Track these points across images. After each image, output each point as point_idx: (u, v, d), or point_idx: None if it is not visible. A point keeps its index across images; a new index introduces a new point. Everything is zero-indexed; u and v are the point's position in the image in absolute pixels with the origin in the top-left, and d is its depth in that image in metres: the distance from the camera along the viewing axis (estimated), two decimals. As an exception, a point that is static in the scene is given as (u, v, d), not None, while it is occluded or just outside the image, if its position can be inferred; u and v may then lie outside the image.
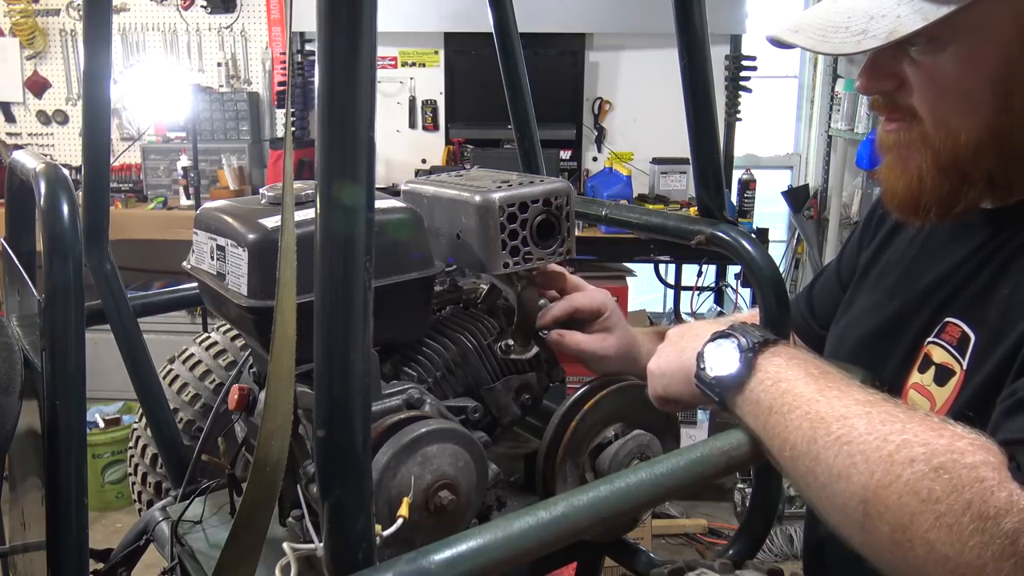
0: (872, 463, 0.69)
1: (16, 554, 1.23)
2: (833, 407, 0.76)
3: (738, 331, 0.87)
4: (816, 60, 4.51)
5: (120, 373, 1.29)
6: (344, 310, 0.62)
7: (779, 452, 0.79)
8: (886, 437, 0.70)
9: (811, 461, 0.74)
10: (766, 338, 0.86)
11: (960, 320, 0.88)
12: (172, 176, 4.20)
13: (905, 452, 0.68)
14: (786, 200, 4.47)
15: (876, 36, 0.81)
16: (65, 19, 4.42)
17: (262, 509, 0.67)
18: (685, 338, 0.95)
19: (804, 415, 0.77)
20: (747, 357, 0.84)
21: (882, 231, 1.10)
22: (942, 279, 0.93)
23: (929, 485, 0.66)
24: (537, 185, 1.03)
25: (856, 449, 0.71)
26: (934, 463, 0.67)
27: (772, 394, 0.81)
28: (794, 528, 3.32)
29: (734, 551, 1.13)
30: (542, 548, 0.73)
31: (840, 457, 0.72)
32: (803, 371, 0.81)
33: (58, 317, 0.83)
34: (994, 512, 0.64)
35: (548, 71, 4.08)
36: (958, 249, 0.93)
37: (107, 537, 3.22)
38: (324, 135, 0.60)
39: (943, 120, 0.85)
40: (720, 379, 0.86)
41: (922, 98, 0.86)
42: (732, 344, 0.86)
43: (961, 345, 0.87)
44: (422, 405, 0.96)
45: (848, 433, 0.72)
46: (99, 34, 1.19)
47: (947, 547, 0.64)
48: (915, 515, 0.66)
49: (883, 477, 0.68)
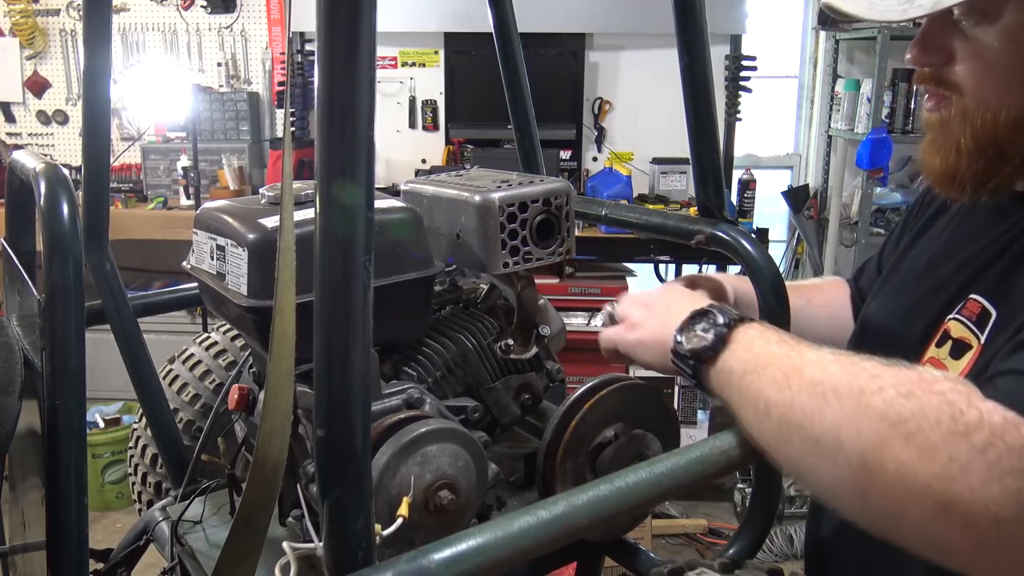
0: (843, 397, 0.71)
1: (16, 554, 1.24)
2: (806, 358, 0.77)
3: (716, 309, 0.89)
4: (816, 60, 4.51)
5: (120, 373, 1.29)
6: (344, 310, 0.62)
7: (755, 410, 0.79)
8: (856, 374, 0.72)
9: (785, 407, 0.75)
10: (742, 316, 0.87)
11: (982, 297, 0.88)
12: (172, 176, 4.20)
13: (875, 383, 0.70)
14: (786, 200, 4.47)
15: (922, 5, 0.82)
16: (65, 19, 4.42)
17: (262, 509, 0.67)
18: (670, 312, 0.95)
19: (777, 368, 0.78)
20: (721, 331, 0.86)
21: (921, 220, 1.10)
22: (970, 259, 0.94)
23: (898, 409, 0.67)
24: (537, 185, 1.03)
25: (828, 387, 0.72)
26: (903, 390, 0.68)
27: (745, 359, 0.82)
28: (794, 528, 3.32)
29: (734, 551, 1.13)
30: (542, 548, 0.73)
31: (813, 397, 0.73)
32: (776, 337, 0.83)
33: (58, 317, 0.83)
34: (964, 428, 0.64)
35: (548, 71, 4.08)
36: (990, 231, 0.94)
37: (107, 537, 3.22)
38: (324, 135, 0.60)
39: (985, 95, 0.86)
40: (694, 351, 0.87)
41: (967, 72, 0.87)
42: (709, 321, 0.87)
43: (980, 320, 0.87)
44: (422, 405, 0.96)
45: (820, 375, 0.74)
46: (99, 34, 1.19)
47: (916, 463, 0.65)
48: (886, 438, 0.67)
49: (854, 407, 0.69)
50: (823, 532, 1.08)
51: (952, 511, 0.63)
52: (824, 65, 4.41)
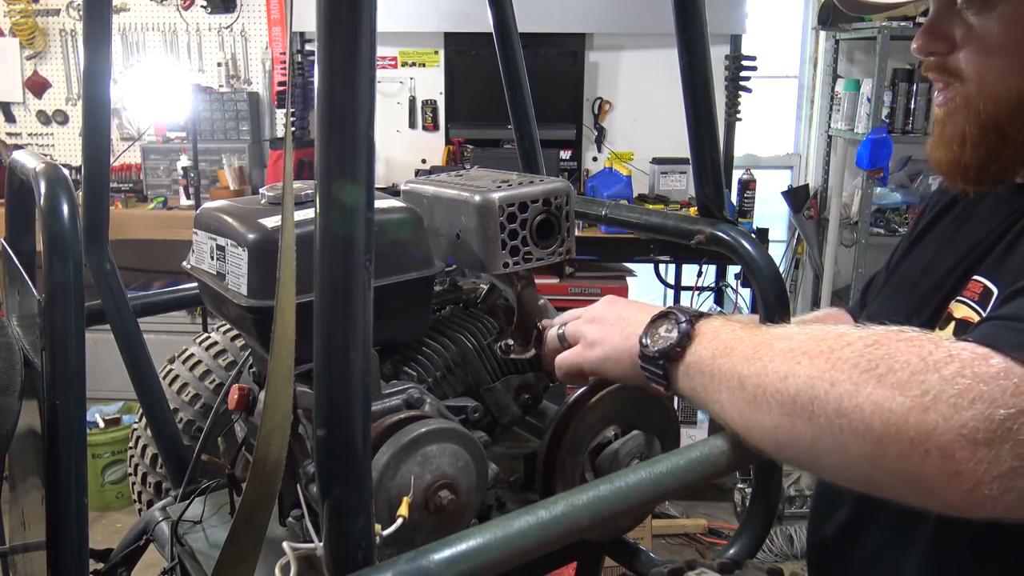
0: (814, 356, 0.72)
1: (16, 554, 1.24)
2: (773, 333, 0.79)
3: (675, 309, 0.90)
4: (816, 60, 4.50)
5: (120, 373, 1.29)
6: (344, 310, 0.62)
7: (728, 389, 0.79)
8: (823, 338, 0.74)
9: (759, 376, 0.76)
10: (701, 312, 0.88)
11: (984, 277, 0.90)
12: (172, 176, 4.20)
13: (843, 340, 0.72)
14: (786, 200, 4.47)
15: None
16: (65, 19, 4.42)
17: (262, 509, 0.67)
18: (627, 322, 0.95)
19: (747, 346, 0.79)
20: (685, 327, 0.86)
21: (924, 222, 1.11)
22: (973, 247, 0.96)
23: (868, 356, 0.69)
24: (537, 185, 1.03)
25: (798, 351, 0.74)
26: (870, 341, 0.70)
27: (713, 346, 0.83)
28: (794, 528, 3.32)
29: (734, 551, 1.13)
30: (542, 548, 0.73)
31: (785, 361, 0.74)
32: (740, 324, 0.84)
33: (58, 317, 0.83)
34: (933, 364, 0.66)
35: (548, 71, 4.08)
36: (991, 220, 0.95)
37: (107, 537, 3.22)
38: (324, 135, 0.60)
39: (986, 81, 0.88)
40: (662, 351, 0.87)
41: (968, 58, 0.89)
42: (671, 321, 0.88)
43: (983, 299, 0.88)
44: (422, 405, 0.96)
45: (788, 344, 0.75)
46: (99, 34, 1.19)
47: (891, 400, 0.66)
48: (859, 382, 0.68)
49: (825, 362, 0.71)
50: (825, 532, 1.08)
51: (929, 441, 0.64)
52: (824, 65, 4.41)
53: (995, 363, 0.65)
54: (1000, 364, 0.65)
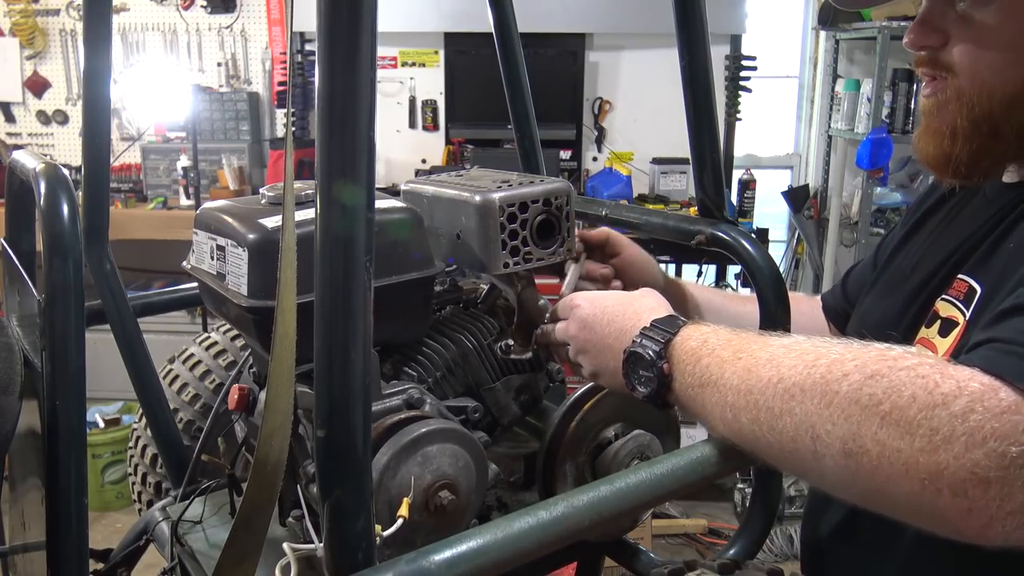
0: (808, 391, 0.70)
1: (16, 554, 1.23)
2: (756, 357, 0.76)
3: (639, 346, 0.87)
4: (816, 60, 4.50)
5: (120, 373, 1.29)
6: (344, 310, 0.62)
7: (722, 418, 0.79)
8: (814, 363, 0.71)
9: (753, 410, 0.74)
10: (667, 335, 0.86)
11: (968, 276, 0.89)
12: (172, 176, 4.19)
13: (837, 369, 0.69)
14: (786, 200, 4.47)
15: None
16: (65, 19, 4.42)
17: (262, 509, 0.67)
18: (606, 353, 0.94)
19: (732, 374, 0.77)
20: (659, 365, 0.85)
21: (914, 218, 1.11)
22: (960, 245, 0.95)
23: (868, 391, 0.66)
24: (537, 185, 1.03)
25: (790, 383, 0.71)
26: (868, 371, 0.67)
27: (696, 375, 0.82)
28: (794, 528, 3.32)
29: (734, 551, 1.13)
30: (542, 548, 0.73)
31: (777, 396, 0.72)
32: (716, 341, 0.82)
33: (58, 317, 0.82)
34: (941, 399, 0.63)
35: (548, 71, 4.08)
36: (978, 219, 0.95)
37: (107, 537, 3.22)
38: (324, 135, 0.60)
39: (980, 75, 0.88)
40: (648, 396, 0.87)
41: (963, 52, 0.89)
42: (642, 363, 0.86)
43: (967, 298, 0.88)
44: (422, 405, 0.96)
45: (777, 372, 0.73)
46: (99, 34, 1.19)
47: (898, 440, 0.64)
48: (861, 422, 0.66)
49: (822, 399, 0.68)
50: (819, 532, 1.08)
51: (940, 481, 0.63)
52: (824, 65, 4.41)
53: (1004, 396, 0.63)
54: (1010, 398, 0.63)
